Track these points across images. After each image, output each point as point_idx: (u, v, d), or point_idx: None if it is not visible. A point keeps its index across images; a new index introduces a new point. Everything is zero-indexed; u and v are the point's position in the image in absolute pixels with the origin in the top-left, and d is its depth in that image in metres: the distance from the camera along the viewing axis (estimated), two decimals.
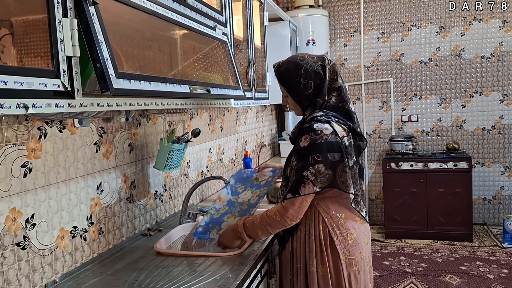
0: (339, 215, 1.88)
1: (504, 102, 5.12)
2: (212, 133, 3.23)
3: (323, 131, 1.78)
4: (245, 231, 1.87)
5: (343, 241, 1.85)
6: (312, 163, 1.76)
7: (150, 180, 2.32)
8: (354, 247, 1.87)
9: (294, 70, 1.86)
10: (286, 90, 1.93)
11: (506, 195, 5.24)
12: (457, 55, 5.19)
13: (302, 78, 1.84)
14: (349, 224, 1.88)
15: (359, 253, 1.88)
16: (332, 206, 1.88)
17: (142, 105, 1.55)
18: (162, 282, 1.62)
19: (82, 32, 1.18)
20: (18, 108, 1.00)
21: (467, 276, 3.94)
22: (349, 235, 1.87)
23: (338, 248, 1.84)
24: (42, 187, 1.56)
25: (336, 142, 1.79)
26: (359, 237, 1.89)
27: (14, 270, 1.44)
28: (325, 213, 1.87)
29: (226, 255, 1.86)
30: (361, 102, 5.53)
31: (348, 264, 1.86)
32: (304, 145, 1.79)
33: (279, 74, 1.92)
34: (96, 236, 1.88)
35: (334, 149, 1.78)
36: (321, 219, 1.86)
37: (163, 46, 1.72)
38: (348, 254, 1.86)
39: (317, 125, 1.80)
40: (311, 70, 1.84)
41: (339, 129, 1.83)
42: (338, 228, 1.86)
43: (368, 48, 5.47)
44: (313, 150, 1.76)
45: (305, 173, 1.76)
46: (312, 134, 1.78)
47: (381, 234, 5.14)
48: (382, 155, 5.39)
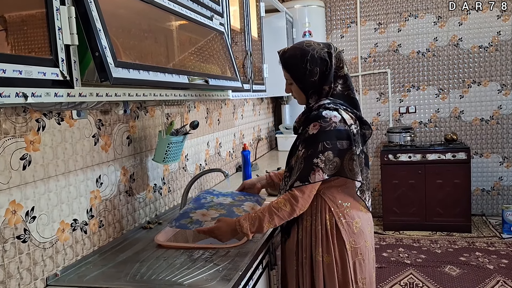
0: (345, 204, 1.88)
1: (502, 92, 5.12)
2: (210, 126, 3.21)
3: (332, 119, 1.78)
4: (250, 229, 1.78)
5: (348, 230, 1.86)
6: (322, 150, 1.75)
7: (149, 173, 2.31)
8: (359, 236, 1.88)
9: (300, 56, 1.84)
10: (291, 76, 1.90)
11: (504, 186, 5.25)
12: (455, 45, 5.19)
13: (308, 64, 1.83)
14: (354, 213, 1.89)
15: (364, 242, 1.89)
16: (338, 195, 1.88)
17: (141, 96, 1.54)
18: (164, 274, 1.61)
19: (80, 20, 1.16)
20: (18, 97, 0.98)
21: (466, 266, 3.95)
22: (354, 224, 1.88)
23: (344, 237, 1.84)
24: (41, 179, 1.55)
25: (344, 130, 1.79)
26: (363, 226, 1.90)
27: (15, 263, 1.43)
28: (331, 202, 1.87)
29: (227, 247, 1.85)
30: (359, 94, 5.52)
31: (354, 253, 1.86)
32: (313, 132, 1.78)
33: (284, 60, 1.90)
34: (97, 229, 1.87)
35: (343, 136, 1.78)
36: (327, 208, 1.86)
37: (160, 38, 1.70)
38: (354, 243, 1.86)
39: (326, 112, 1.79)
40: (317, 57, 1.83)
41: (347, 117, 1.83)
42: (344, 217, 1.86)
43: (365, 39, 5.46)
44: (323, 137, 1.76)
45: (315, 160, 1.75)
46: (321, 121, 1.78)
47: (379, 226, 5.14)
48: (380, 147, 5.39)
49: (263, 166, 3.82)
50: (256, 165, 3.81)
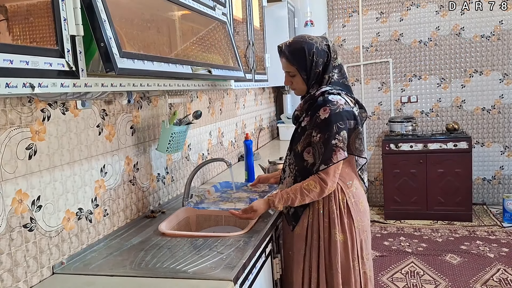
0: (352, 184, 2.02)
1: (504, 82, 5.11)
2: (212, 116, 3.22)
3: (338, 101, 1.92)
4: (282, 203, 1.94)
5: (356, 208, 2.00)
6: (338, 131, 1.88)
7: (152, 163, 2.33)
8: (364, 214, 2.04)
9: (307, 49, 1.95)
10: (296, 69, 1.99)
11: (505, 175, 5.26)
12: (457, 34, 5.17)
13: (314, 56, 1.95)
14: (358, 192, 2.04)
15: (367, 220, 2.05)
16: (346, 176, 2.01)
17: (145, 86, 1.55)
18: (169, 262, 1.63)
19: (85, 11, 1.17)
20: (25, 87, 1.00)
21: (467, 255, 3.97)
22: (360, 203, 2.03)
23: (353, 215, 1.98)
24: (47, 169, 1.56)
25: (351, 110, 1.94)
26: (365, 205, 2.07)
27: (22, 252, 1.45)
28: (342, 183, 1.99)
29: (229, 235, 1.87)
30: (360, 84, 5.51)
31: (361, 230, 2.01)
32: (325, 116, 1.89)
33: (290, 53, 1.98)
34: (101, 218, 1.89)
35: (351, 116, 1.93)
36: (340, 189, 1.99)
37: (162, 28, 1.71)
38: (360, 221, 2.01)
39: (331, 97, 1.93)
40: (321, 49, 1.97)
41: (348, 100, 1.98)
42: (353, 196, 2.01)
43: (367, 28, 5.44)
44: (335, 119, 1.88)
45: (333, 142, 1.87)
46: (330, 105, 1.90)
47: (381, 215, 5.16)
48: (382, 137, 5.40)
49: (265, 156, 3.83)
50: (258, 154, 3.82)
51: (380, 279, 3.60)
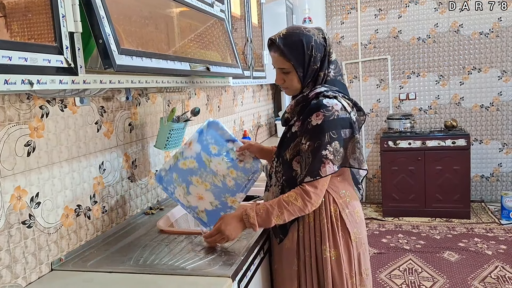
0: (345, 194, 1.80)
1: (503, 79, 5.12)
2: (210, 113, 3.22)
3: (333, 107, 1.67)
4: (258, 222, 1.66)
5: (352, 220, 1.78)
6: (329, 141, 1.64)
7: (150, 160, 2.33)
8: (361, 225, 1.83)
9: (305, 41, 1.70)
10: (293, 65, 1.73)
11: (503, 172, 5.28)
12: (455, 31, 5.17)
13: (313, 51, 1.71)
14: (354, 202, 1.82)
15: (365, 231, 1.86)
16: (339, 185, 1.79)
17: (143, 83, 1.55)
18: (167, 258, 1.63)
19: (84, 7, 1.17)
20: (23, 84, 1.00)
21: (465, 252, 3.98)
22: (355, 214, 1.81)
23: (348, 228, 1.76)
24: (45, 166, 1.57)
25: (347, 117, 1.69)
26: (361, 215, 1.86)
27: (20, 248, 1.45)
28: (334, 193, 1.77)
29: None
30: (358, 81, 5.52)
31: (359, 243, 1.80)
32: (317, 122, 1.66)
33: (286, 47, 1.72)
34: (100, 214, 1.89)
35: (346, 125, 1.68)
36: (331, 199, 1.76)
37: (160, 25, 1.70)
38: (358, 232, 1.80)
39: (326, 101, 1.68)
40: (319, 42, 1.73)
41: (346, 104, 1.73)
42: (347, 207, 1.79)
43: (365, 25, 5.44)
44: (328, 128, 1.64)
45: (323, 152, 1.63)
46: (324, 111, 1.66)
47: (379, 213, 5.18)
48: (380, 134, 5.40)
49: None
50: None
51: (378, 276, 3.61)
